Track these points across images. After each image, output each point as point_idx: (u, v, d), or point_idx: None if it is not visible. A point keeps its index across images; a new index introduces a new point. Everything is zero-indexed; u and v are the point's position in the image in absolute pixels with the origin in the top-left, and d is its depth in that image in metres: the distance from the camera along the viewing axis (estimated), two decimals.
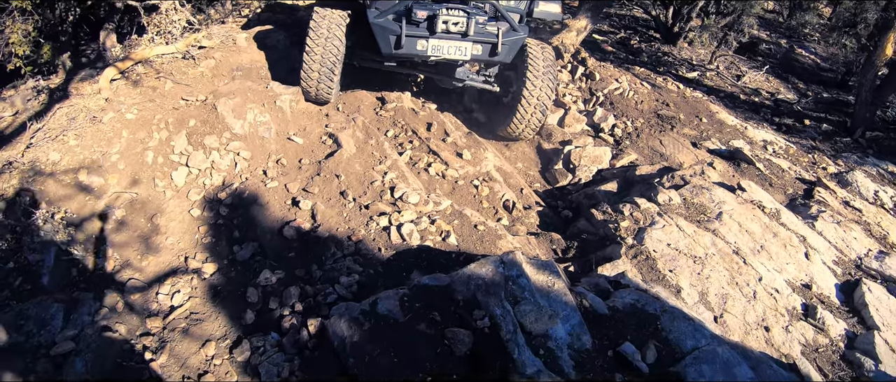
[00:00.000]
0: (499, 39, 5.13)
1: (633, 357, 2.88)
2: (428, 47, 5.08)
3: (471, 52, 5.19)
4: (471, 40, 5.13)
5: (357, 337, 2.78)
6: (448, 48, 5.11)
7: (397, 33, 4.97)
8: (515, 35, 5.30)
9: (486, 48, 5.21)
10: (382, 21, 5.02)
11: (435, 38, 5.05)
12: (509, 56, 5.36)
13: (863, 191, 6.72)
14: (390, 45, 5.05)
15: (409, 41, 5.03)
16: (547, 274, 3.21)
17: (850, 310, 4.64)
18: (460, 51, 5.15)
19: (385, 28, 5.00)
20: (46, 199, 4.03)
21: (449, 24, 4.99)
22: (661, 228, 4.50)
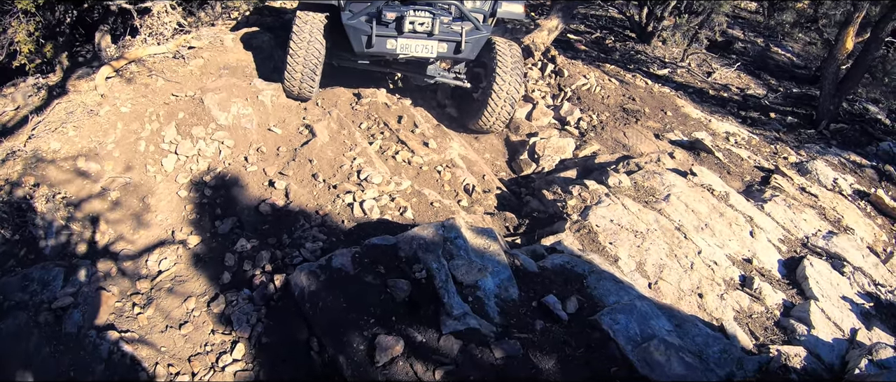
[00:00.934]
0: (462, 38, 5.62)
1: (554, 307, 3.41)
2: (397, 46, 5.57)
3: (437, 50, 5.68)
4: (436, 39, 5.61)
5: (314, 287, 3.33)
6: (415, 46, 5.60)
7: (368, 33, 5.46)
8: (478, 33, 5.79)
9: (450, 46, 5.70)
10: (355, 22, 5.52)
11: (403, 37, 5.54)
12: (473, 53, 5.85)
13: (821, 179, 7.19)
14: (362, 44, 5.54)
15: (379, 40, 5.52)
16: (484, 238, 3.74)
17: (791, 284, 5.10)
18: (427, 48, 5.64)
19: (357, 29, 5.50)
20: (48, 183, 4.59)
21: (415, 25, 5.48)
22: (607, 206, 5.02)
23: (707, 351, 3.94)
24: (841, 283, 5.15)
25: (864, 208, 6.78)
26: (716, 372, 3.79)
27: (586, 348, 3.20)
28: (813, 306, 4.68)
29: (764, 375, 3.89)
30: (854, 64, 8.35)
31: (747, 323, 4.50)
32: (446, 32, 5.65)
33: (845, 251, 5.60)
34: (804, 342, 4.33)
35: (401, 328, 3.10)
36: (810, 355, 4.21)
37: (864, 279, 5.34)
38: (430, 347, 3.02)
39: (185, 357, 3.41)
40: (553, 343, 3.16)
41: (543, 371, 3.01)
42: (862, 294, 5.19)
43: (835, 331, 4.57)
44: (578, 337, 3.25)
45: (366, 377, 2.93)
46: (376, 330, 3.08)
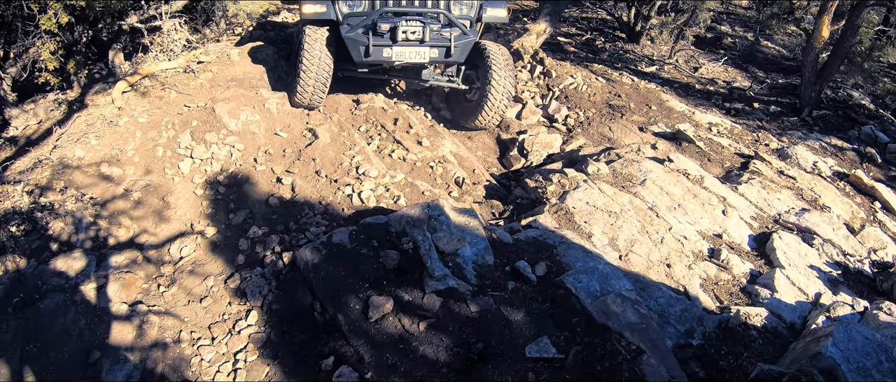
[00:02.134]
0: (452, 43, 6.31)
1: (524, 270, 4.02)
2: (392, 54, 6.24)
3: (429, 55, 6.37)
4: (428, 45, 6.30)
5: (316, 260, 3.97)
6: (409, 53, 6.28)
7: (365, 44, 6.13)
8: (466, 38, 6.48)
9: (441, 51, 6.39)
10: (353, 35, 6.19)
11: (397, 45, 6.21)
12: (462, 55, 6.56)
13: (801, 162, 7.71)
14: (361, 54, 6.21)
15: (375, 50, 6.18)
16: (466, 216, 4.37)
17: (760, 255, 5.60)
18: (419, 54, 6.32)
19: (355, 40, 6.17)
20: (75, 186, 5.27)
21: (408, 33, 6.16)
22: (584, 191, 5.63)
23: (669, 311, 4.52)
24: (809, 254, 5.65)
25: (842, 188, 7.28)
26: (676, 328, 4.38)
27: (551, 303, 3.81)
28: (778, 273, 5.13)
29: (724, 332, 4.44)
30: (832, 51, 8.92)
31: (713, 289, 5.01)
32: (437, 39, 6.32)
33: (816, 225, 6.10)
34: (766, 304, 4.74)
35: (391, 290, 3.73)
36: (772, 315, 4.67)
37: (834, 250, 5.82)
38: (415, 304, 3.65)
39: (206, 325, 4.07)
40: (522, 300, 3.78)
41: (513, 322, 3.62)
42: (830, 263, 5.68)
43: (799, 295, 5.03)
44: (545, 294, 3.86)
45: (361, 330, 3.56)
46: (370, 293, 3.71)
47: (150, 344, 3.98)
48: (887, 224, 6.76)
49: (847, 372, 3.65)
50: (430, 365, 3.37)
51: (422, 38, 6.23)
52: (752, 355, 4.17)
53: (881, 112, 9.60)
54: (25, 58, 6.03)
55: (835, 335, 3.91)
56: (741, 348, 4.22)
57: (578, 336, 3.61)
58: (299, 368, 3.67)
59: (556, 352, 3.46)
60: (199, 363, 3.87)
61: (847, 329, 3.98)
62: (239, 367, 3.78)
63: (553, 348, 3.48)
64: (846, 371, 3.65)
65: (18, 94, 6.61)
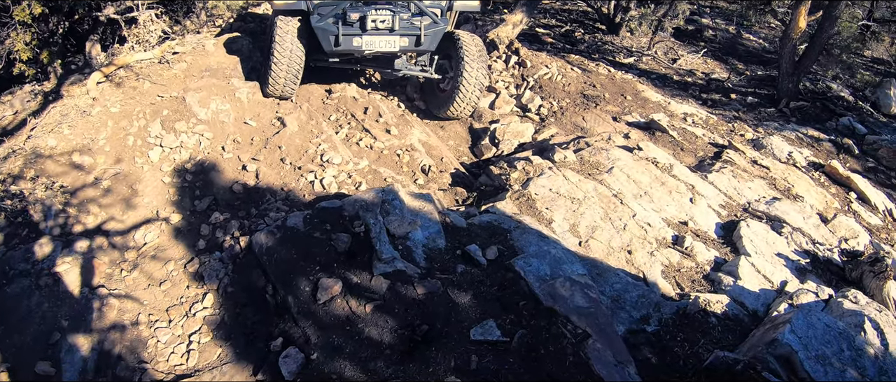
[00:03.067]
0: (422, 31, 6.33)
1: (474, 254, 4.06)
2: (362, 43, 6.24)
3: (399, 44, 6.36)
4: (397, 34, 6.30)
5: (271, 244, 4.02)
6: (379, 42, 6.27)
7: (335, 33, 6.11)
8: (436, 26, 6.49)
9: (411, 39, 6.40)
10: (323, 24, 6.17)
11: (367, 34, 6.22)
12: (433, 44, 6.58)
13: (776, 153, 7.74)
14: (331, 44, 6.20)
15: (345, 39, 6.18)
16: (421, 201, 4.42)
17: (726, 243, 5.62)
18: (389, 43, 6.32)
19: (325, 29, 6.16)
20: (46, 175, 5.32)
21: (377, 22, 6.18)
22: (548, 177, 5.66)
23: (624, 296, 4.55)
24: (777, 242, 5.66)
25: (817, 178, 7.32)
26: (631, 314, 4.41)
27: (500, 286, 3.86)
28: (743, 260, 5.12)
29: (681, 318, 4.46)
30: (810, 43, 8.95)
31: (675, 276, 5.03)
32: (406, 27, 6.33)
33: (787, 214, 6.11)
34: (729, 291, 4.74)
35: (340, 272, 3.78)
36: (734, 302, 4.65)
37: (803, 238, 5.83)
38: (363, 286, 3.69)
39: (164, 308, 4.13)
40: (470, 283, 3.83)
41: (459, 305, 3.67)
42: (799, 251, 5.69)
43: (764, 283, 5.01)
44: (493, 278, 3.91)
45: (309, 312, 3.61)
46: (320, 275, 3.76)
47: (109, 326, 4.05)
48: (862, 214, 6.78)
49: (804, 360, 3.62)
50: (375, 347, 3.42)
51: (391, 27, 6.24)
52: (709, 342, 4.19)
53: (860, 104, 9.64)
54: (0, 49, 6.08)
55: (794, 322, 3.89)
56: (698, 335, 4.23)
57: (525, 320, 3.66)
58: (250, 349, 3.73)
59: (501, 335, 3.51)
60: (155, 344, 3.93)
61: (807, 316, 3.97)
62: (192, 348, 3.84)
63: (498, 331, 3.53)
64: (803, 359, 3.62)
65: None
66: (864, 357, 3.83)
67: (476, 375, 3.27)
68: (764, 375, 3.48)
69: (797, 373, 3.64)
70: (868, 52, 11.25)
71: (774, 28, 12.59)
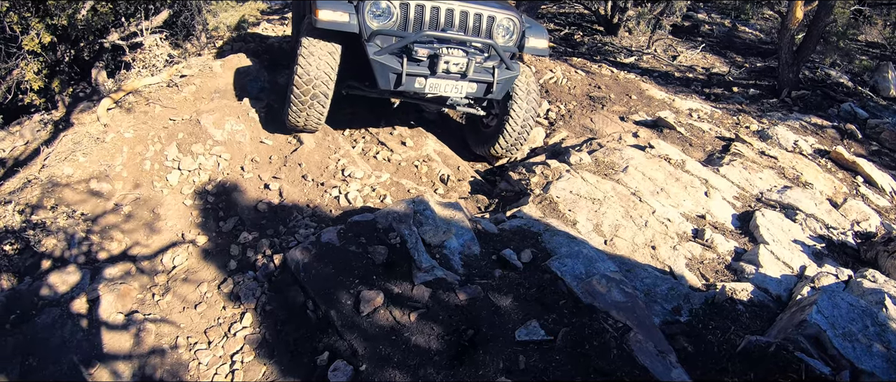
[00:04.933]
0: (495, 78, 5.62)
1: (510, 257, 4.14)
2: (426, 85, 5.46)
3: (466, 91, 5.65)
4: (469, 80, 5.57)
5: (307, 260, 4.07)
6: (446, 87, 5.53)
7: (398, 72, 5.28)
8: (509, 73, 5.80)
9: (481, 87, 5.69)
10: (384, 58, 5.28)
11: (435, 77, 5.44)
12: (502, 94, 5.90)
13: (782, 142, 7.90)
14: (390, 83, 5.36)
15: (409, 80, 5.38)
16: (451, 209, 4.49)
17: (744, 233, 5.74)
18: (457, 89, 5.59)
19: (385, 66, 5.28)
20: (65, 203, 5.35)
21: (450, 65, 5.37)
22: (567, 180, 5.76)
23: (655, 290, 4.64)
24: (792, 229, 5.80)
25: (824, 165, 7.48)
26: (663, 306, 4.49)
27: (538, 287, 3.93)
28: (762, 249, 5.27)
29: (711, 308, 4.57)
30: (807, 32, 9.13)
31: (698, 268, 5.14)
32: (479, 73, 5.61)
33: (799, 201, 6.26)
34: (752, 279, 4.88)
35: (380, 284, 3.84)
36: (758, 289, 4.79)
37: (817, 224, 5.98)
38: (405, 296, 3.75)
39: (202, 330, 4.16)
40: (509, 286, 3.89)
41: (501, 308, 3.74)
42: (814, 236, 5.83)
43: (784, 269, 5.16)
44: (531, 280, 3.98)
45: (353, 325, 3.66)
46: (360, 288, 3.82)
47: (148, 351, 4.07)
48: (869, 197, 6.93)
49: (833, 338, 3.76)
50: (423, 354, 3.48)
51: (464, 72, 5.48)
52: (739, 328, 4.28)
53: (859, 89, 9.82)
54: (9, 79, 6.12)
55: (819, 303, 4.03)
56: (729, 322, 4.33)
57: (566, 318, 3.73)
58: (295, 365, 3.76)
59: (545, 334, 3.58)
60: (197, 366, 3.96)
61: (831, 296, 4.09)
62: (236, 368, 3.87)
63: (542, 330, 3.59)
64: (832, 337, 3.76)
65: (4, 117, 6.68)
66: (888, 331, 3.96)
67: (525, 374, 3.33)
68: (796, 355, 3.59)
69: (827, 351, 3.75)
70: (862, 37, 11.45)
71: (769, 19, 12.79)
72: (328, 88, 5.62)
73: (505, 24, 5.79)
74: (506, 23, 5.79)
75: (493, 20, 5.70)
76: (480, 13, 5.60)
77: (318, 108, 5.71)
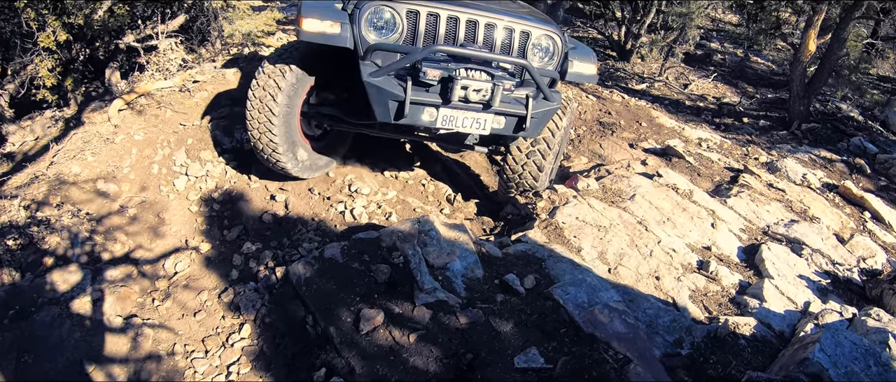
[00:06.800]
0: (529, 112, 4.39)
1: (513, 283, 4.10)
2: (437, 118, 4.25)
3: (491, 126, 4.42)
4: (493, 112, 4.34)
5: (309, 274, 4.05)
6: (463, 120, 4.30)
7: (400, 99, 4.08)
8: (547, 105, 4.56)
9: (510, 122, 4.45)
10: (381, 80, 4.10)
11: (449, 107, 4.22)
12: (537, 131, 4.67)
13: (790, 175, 7.86)
14: (389, 113, 4.15)
15: (414, 110, 4.18)
16: (456, 231, 4.46)
17: (749, 266, 5.70)
18: (478, 124, 4.35)
19: (383, 90, 4.07)
20: (71, 202, 5.35)
21: (469, 91, 4.16)
22: (573, 206, 5.72)
23: (657, 321, 4.60)
24: (798, 264, 5.75)
25: (832, 199, 7.44)
26: (665, 338, 4.45)
27: (540, 314, 3.89)
28: (767, 283, 5.23)
29: (712, 341, 4.52)
30: (820, 65, 9.11)
31: (702, 301, 5.10)
32: (508, 103, 4.39)
33: (805, 236, 6.21)
34: (756, 314, 4.83)
35: (381, 303, 3.81)
36: (761, 324, 4.74)
37: (823, 259, 5.93)
38: (405, 317, 3.72)
39: (200, 338, 4.14)
40: (511, 311, 3.86)
41: (502, 334, 3.70)
42: (819, 272, 5.78)
43: (788, 304, 5.11)
44: (533, 306, 3.95)
45: (352, 343, 3.63)
46: (361, 306, 3.79)
47: (144, 356, 4.06)
48: (877, 233, 6.88)
49: (835, 377, 3.73)
50: (420, 376, 3.44)
51: (488, 100, 4.25)
52: (741, 363, 4.24)
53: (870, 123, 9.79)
54: (23, 74, 6.14)
55: (822, 341, 4.00)
56: (730, 357, 4.29)
57: (566, 347, 3.69)
58: (291, 379, 3.74)
59: (545, 363, 3.54)
60: (193, 375, 3.94)
61: (834, 334, 4.06)
62: (232, 379, 3.85)
63: (541, 358, 3.56)
64: (834, 376, 3.74)
65: (16, 111, 6.70)
66: (890, 371, 3.94)
67: None
68: None
69: None
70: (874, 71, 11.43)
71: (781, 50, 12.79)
72: (284, 123, 4.67)
73: (543, 43, 4.68)
74: (544, 41, 4.67)
75: (528, 37, 4.58)
76: (512, 27, 4.51)
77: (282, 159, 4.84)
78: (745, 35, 12.41)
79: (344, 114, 5.00)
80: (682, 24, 10.05)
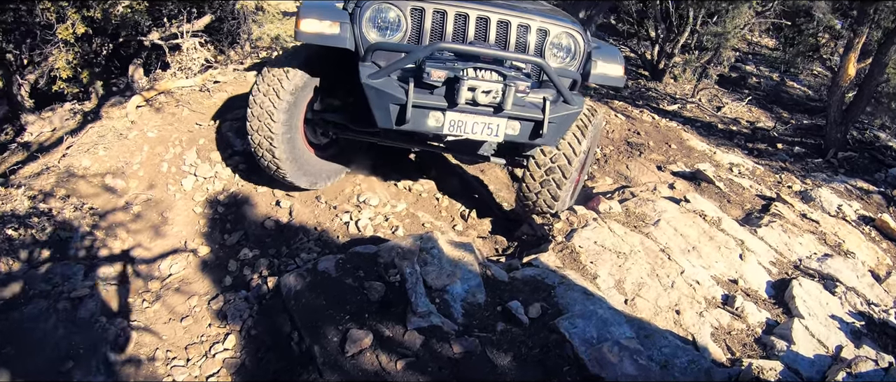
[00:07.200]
0: (545, 116, 3.89)
1: (516, 311, 3.71)
2: (444, 122, 3.80)
3: (504, 132, 3.95)
4: (506, 116, 3.86)
5: (300, 287, 3.73)
6: (473, 125, 3.85)
7: (402, 102, 3.67)
8: (567, 109, 4.06)
9: (525, 127, 3.96)
10: (380, 82, 3.71)
11: (456, 111, 3.78)
12: (555, 138, 4.20)
13: (825, 205, 7.33)
14: (391, 118, 3.74)
15: (417, 114, 3.75)
16: (461, 250, 4.09)
17: (778, 303, 5.22)
18: (490, 129, 3.88)
19: (383, 93, 3.68)
20: (77, 195, 5.16)
21: (477, 93, 3.70)
22: (593, 229, 5.30)
23: (674, 361, 4.15)
24: (831, 303, 5.26)
25: (868, 233, 6.92)
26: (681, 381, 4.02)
27: (542, 348, 3.50)
28: (797, 323, 4.77)
29: None
30: (858, 91, 8.52)
31: (725, 340, 4.66)
32: (522, 106, 3.92)
33: (839, 272, 5.71)
34: (783, 357, 4.43)
35: (372, 324, 3.47)
36: (788, 369, 4.31)
37: (857, 299, 5.43)
38: (395, 341, 3.37)
39: (183, 345, 3.87)
40: (511, 343, 3.47)
41: (498, 367, 3.32)
42: (853, 313, 5.28)
43: (818, 348, 4.66)
44: (536, 339, 3.55)
45: (336, 364, 3.29)
46: (350, 325, 3.45)
47: (124, 360, 3.81)
48: None
49: None
50: None
51: (499, 103, 3.78)
52: None
53: None
54: (44, 65, 6.02)
55: None
56: None
57: None
58: None
59: None
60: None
61: None
62: None
63: None
64: None
65: (37, 102, 6.59)
66: None
67: None
68: None
69: None
70: None
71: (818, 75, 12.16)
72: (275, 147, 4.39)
73: (563, 42, 4.22)
74: (564, 39, 4.21)
75: (546, 35, 4.14)
76: (527, 24, 4.08)
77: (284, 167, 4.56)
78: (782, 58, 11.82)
79: (349, 122, 4.64)
80: (717, 44, 9.54)
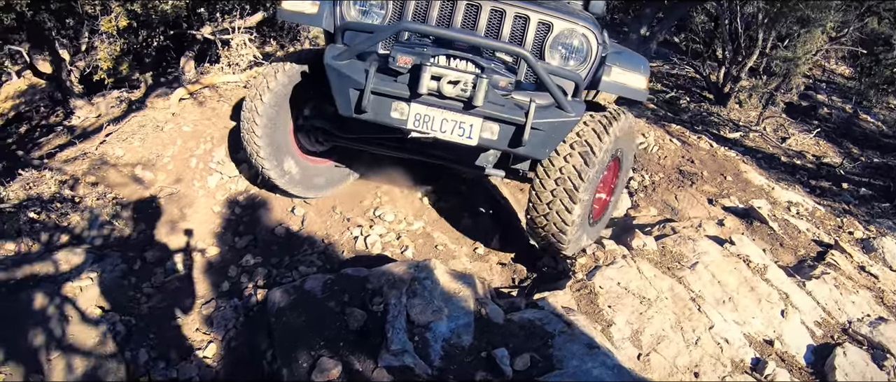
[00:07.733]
0: (528, 120, 3.32)
1: (501, 360, 3.28)
2: (408, 116, 3.33)
3: (479, 134, 3.41)
4: (479, 114, 3.34)
5: (283, 304, 3.50)
6: (442, 122, 3.35)
7: (360, 85, 3.26)
8: (559, 116, 3.46)
9: (505, 132, 3.40)
10: (343, 65, 3.33)
11: (420, 102, 3.31)
12: (542, 151, 3.58)
13: (888, 258, 6.49)
14: (350, 104, 3.34)
15: (377, 103, 3.32)
16: (459, 283, 3.73)
17: (816, 373, 4.57)
18: (461, 130, 3.36)
19: (344, 76, 3.30)
20: (105, 183, 5.15)
21: (443, 83, 3.19)
22: (618, 268, 4.78)
23: None
24: (876, 378, 4.57)
25: None
26: None
27: None
28: None
29: None
30: None
31: None
32: (501, 106, 3.35)
33: (892, 341, 4.97)
34: None
35: (344, 354, 3.19)
36: None
37: None
38: (364, 376, 3.08)
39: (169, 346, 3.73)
40: None
41: None
42: None
43: None
44: None
45: None
46: (322, 352, 3.18)
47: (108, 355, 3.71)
48: None
49: None
50: None
51: (470, 99, 3.25)
52: None
53: None
54: (93, 54, 6.09)
55: None
56: None
57: None
58: None
59: None
60: None
61: None
62: None
63: None
64: None
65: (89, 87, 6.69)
66: None
67: None
68: None
69: None
70: None
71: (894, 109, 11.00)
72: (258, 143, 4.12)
73: (569, 40, 3.65)
74: (570, 38, 3.64)
75: (549, 29, 3.60)
76: (526, 15, 3.55)
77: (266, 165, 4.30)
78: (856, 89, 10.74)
79: (334, 128, 4.31)
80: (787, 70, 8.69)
